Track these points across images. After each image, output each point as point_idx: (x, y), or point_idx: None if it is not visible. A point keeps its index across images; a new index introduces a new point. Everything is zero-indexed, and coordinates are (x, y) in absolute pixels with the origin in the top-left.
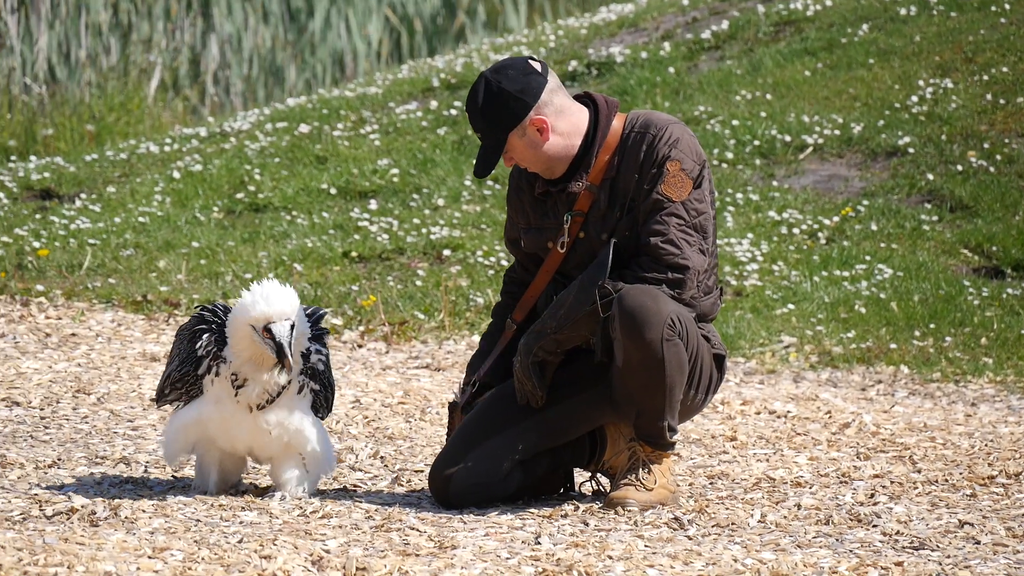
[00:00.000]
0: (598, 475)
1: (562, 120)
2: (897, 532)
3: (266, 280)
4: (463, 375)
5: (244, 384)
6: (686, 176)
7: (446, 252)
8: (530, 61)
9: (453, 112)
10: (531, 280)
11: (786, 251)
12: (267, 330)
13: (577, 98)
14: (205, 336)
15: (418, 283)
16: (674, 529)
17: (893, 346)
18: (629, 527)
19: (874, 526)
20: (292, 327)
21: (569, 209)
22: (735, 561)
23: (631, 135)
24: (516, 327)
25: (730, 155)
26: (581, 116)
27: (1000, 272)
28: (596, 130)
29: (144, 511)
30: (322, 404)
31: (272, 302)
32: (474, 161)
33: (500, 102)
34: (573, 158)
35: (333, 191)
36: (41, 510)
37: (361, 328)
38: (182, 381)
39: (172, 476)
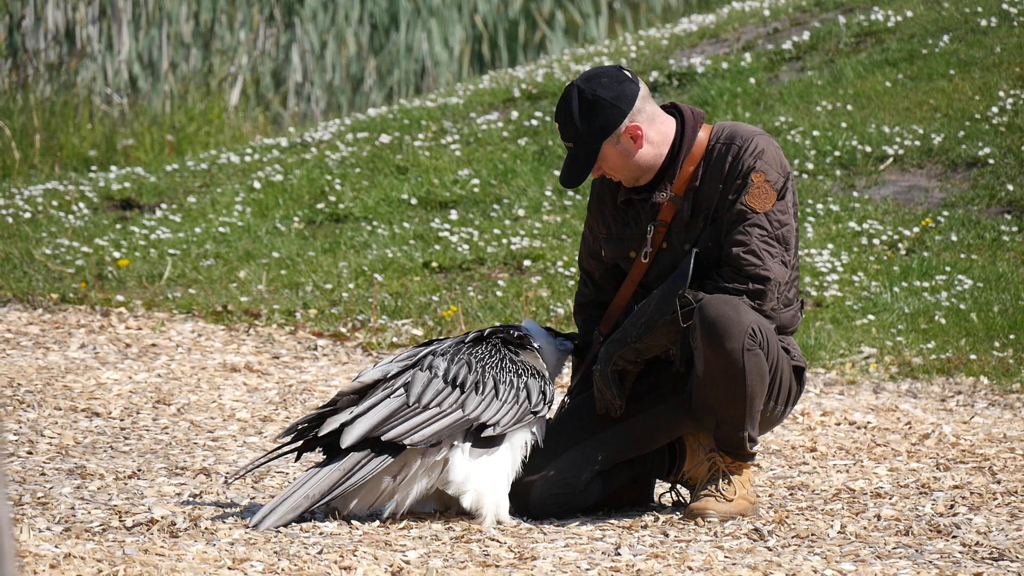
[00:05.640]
0: (678, 486)
1: (653, 128)
2: (976, 543)
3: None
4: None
5: None
6: (770, 188)
7: (526, 262)
8: (621, 69)
9: (534, 122)
10: (605, 299)
11: (866, 262)
12: None
13: (663, 108)
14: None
15: (498, 293)
16: (754, 540)
17: (973, 357)
18: (709, 538)
19: (953, 537)
20: None
21: (652, 219)
22: (815, 572)
23: (716, 146)
24: (602, 339)
25: (810, 165)
26: (670, 125)
27: None
28: (682, 140)
29: (224, 522)
30: None
31: None
32: (556, 172)
33: (596, 110)
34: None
35: (414, 201)
36: (121, 521)
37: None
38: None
39: (252, 486)
